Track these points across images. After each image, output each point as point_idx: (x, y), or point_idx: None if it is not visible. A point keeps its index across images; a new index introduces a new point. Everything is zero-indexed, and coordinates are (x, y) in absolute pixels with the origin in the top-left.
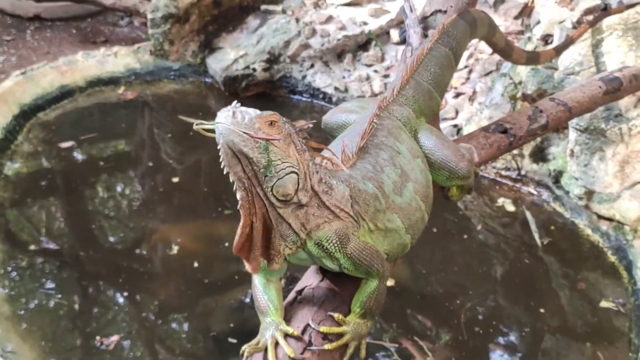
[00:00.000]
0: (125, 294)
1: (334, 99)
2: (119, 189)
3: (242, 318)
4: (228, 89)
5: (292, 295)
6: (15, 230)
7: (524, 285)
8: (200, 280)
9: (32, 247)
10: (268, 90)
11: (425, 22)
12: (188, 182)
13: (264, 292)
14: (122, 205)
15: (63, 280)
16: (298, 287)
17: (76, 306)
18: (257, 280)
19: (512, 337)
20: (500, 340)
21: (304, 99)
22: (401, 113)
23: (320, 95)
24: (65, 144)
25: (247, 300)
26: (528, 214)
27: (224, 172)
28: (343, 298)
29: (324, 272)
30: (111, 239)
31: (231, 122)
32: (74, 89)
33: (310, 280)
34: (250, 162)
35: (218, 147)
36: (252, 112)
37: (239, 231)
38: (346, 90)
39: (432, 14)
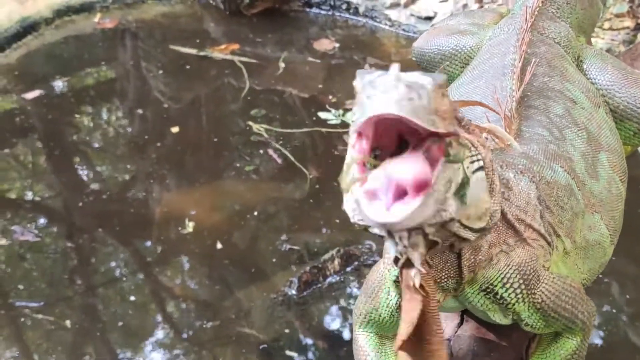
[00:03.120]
0: (132, 298)
1: (360, 9)
2: (106, 150)
3: (291, 319)
4: (229, 7)
5: None
6: None
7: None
8: (226, 267)
9: None
10: (278, 5)
11: None
12: (191, 130)
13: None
14: (115, 175)
15: None
16: None
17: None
18: (365, 339)
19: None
20: (604, 295)
21: (323, 12)
22: (557, 32)
23: (344, 6)
24: (31, 94)
25: (293, 292)
26: None
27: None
28: (504, 354)
29: (465, 310)
30: (107, 222)
31: (409, 110)
32: (38, 21)
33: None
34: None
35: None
36: (424, 77)
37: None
38: None
39: None
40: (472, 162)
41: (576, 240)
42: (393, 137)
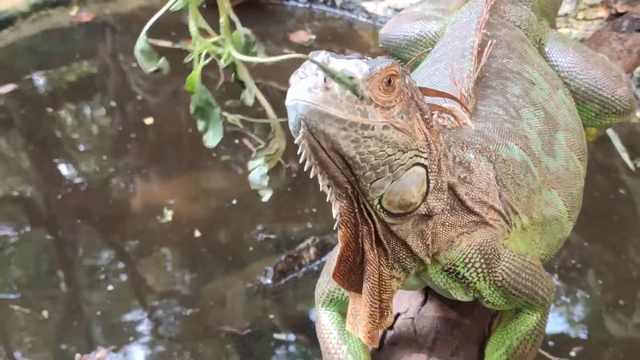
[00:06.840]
0: (110, 287)
1: (337, 2)
2: (85, 143)
3: (268, 306)
4: (207, 0)
5: None
6: None
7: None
8: (205, 256)
9: None
10: None
11: None
12: (168, 122)
13: (340, 339)
14: (95, 167)
15: None
16: None
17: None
18: (328, 317)
19: (591, 278)
20: (580, 281)
21: (300, 4)
22: (518, 15)
23: None
24: (5, 89)
25: (268, 281)
26: (610, 131)
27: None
28: (467, 332)
29: (428, 288)
30: (86, 214)
31: (322, 99)
32: (14, 15)
33: (404, 302)
34: (351, 165)
35: (296, 141)
36: (356, 67)
37: (338, 255)
38: None
39: None
40: (416, 155)
41: (533, 216)
42: None
